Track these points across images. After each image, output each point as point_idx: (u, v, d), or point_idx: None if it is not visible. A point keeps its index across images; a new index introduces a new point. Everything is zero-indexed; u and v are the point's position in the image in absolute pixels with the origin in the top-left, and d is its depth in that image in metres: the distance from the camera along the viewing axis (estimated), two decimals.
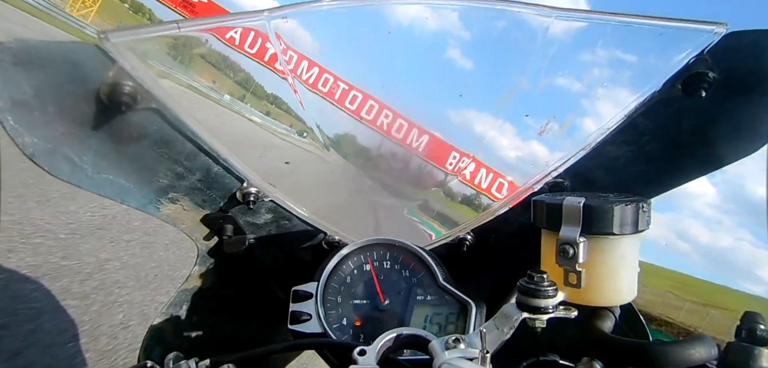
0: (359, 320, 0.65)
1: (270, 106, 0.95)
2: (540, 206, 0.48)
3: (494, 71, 0.84)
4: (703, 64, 0.49)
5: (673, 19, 0.49)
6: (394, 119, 0.96)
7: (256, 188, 0.65)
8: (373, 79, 0.89)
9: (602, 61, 0.59)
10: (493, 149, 0.87)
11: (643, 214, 0.44)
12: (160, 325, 0.64)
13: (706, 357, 0.39)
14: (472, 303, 0.65)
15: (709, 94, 0.50)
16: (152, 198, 0.59)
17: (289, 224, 0.74)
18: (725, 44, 0.48)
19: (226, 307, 0.75)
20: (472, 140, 0.91)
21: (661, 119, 0.57)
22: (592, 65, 0.60)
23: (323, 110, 0.89)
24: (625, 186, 0.65)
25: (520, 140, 0.82)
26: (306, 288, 0.64)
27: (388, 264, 0.70)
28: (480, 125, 0.85)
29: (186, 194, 0.62)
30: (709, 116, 0.54)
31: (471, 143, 0.92)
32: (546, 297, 0.42)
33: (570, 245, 0.44)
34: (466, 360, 0.40)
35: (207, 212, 0.66)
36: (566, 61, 0.63)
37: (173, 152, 0.56)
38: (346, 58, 0.80)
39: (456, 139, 0.95)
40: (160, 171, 0.57)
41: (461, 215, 0.88)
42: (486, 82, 0.86)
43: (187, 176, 0.60)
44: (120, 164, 0.53)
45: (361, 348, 0.42)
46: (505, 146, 0.87)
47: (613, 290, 0.45)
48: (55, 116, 0.45)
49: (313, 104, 0.81)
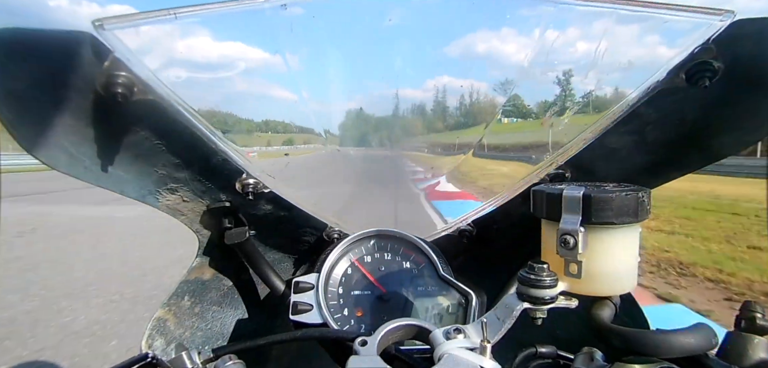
0: (360, 310, 0.65)
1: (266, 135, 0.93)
2: (540, 196, 0.48)
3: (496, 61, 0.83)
4: (708, 53, 0.49)
5: (678, 6, 0.48)
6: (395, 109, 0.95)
7: (256, 179, 0.65)
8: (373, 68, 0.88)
9: (605, 49, 0.58)
10: (494, 139, 0.87)
11: (642, 203, 0.44)
12: (163, 317, 0.64)
13: (705, 346, 0.39)
14: (472, 293, 0.65)
15: (713, 83, 0.50)
16: (151, 189, 0.59)
17: (290, 215, 0.74)
18: (731, 32, 0.47)
19: (228, 298, 0.75)
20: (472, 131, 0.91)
21: (664, 109, 0.56)
22: (595, 54, 0.59)
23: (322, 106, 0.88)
24: (627, 176, 0.65)
25: (522, 130, 0.81)
26: (307, 279, 0.64)
27: (389, 255, 0.70)
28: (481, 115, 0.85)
29: (185, 185, 0.62)
30: (712, 106, 0.54)
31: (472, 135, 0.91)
32: (546, 288, 0.43)
33: (570, 235, 0.43)
34: (466, 350, 0.40)
35: (207, 204, 0.66)
36: (569, 50, 0.63)
37: (171, 143, 0.56)
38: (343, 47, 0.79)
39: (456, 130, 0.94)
40: (159, 162, 0.57)
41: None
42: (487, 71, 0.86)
43: (185, 166, 0.59)
44: (118, 154, 0.53)
45: (362, 339, 0.42)
46: (506, 136, 0.87)
47: (613, 279, 0.45)
48: (51, 107, 0.44)
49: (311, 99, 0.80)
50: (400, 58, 0.81)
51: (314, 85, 0.78)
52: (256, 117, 0.90)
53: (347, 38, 0.74)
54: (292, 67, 0.70)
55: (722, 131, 0.57)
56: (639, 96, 0.56)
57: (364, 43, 0.77)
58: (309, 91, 0.75)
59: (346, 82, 0.85)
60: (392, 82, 0.86)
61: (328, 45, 0.76)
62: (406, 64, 0.82)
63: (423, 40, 0.82)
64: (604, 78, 0.62)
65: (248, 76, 0.72)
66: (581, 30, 0.59)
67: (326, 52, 0.77)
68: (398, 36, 0.75)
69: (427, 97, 0.92)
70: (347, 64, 0.81)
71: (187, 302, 0.68)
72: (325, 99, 0.85)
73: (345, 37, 0.74)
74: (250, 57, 0.70)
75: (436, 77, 0.88)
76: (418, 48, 0.81)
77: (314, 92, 0.78)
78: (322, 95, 0.85)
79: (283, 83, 0.77)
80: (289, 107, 0.79)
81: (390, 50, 0.80)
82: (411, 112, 0.95)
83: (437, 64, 0.91)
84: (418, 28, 0.78)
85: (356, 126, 0.94)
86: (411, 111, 0.95)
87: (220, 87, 0.69)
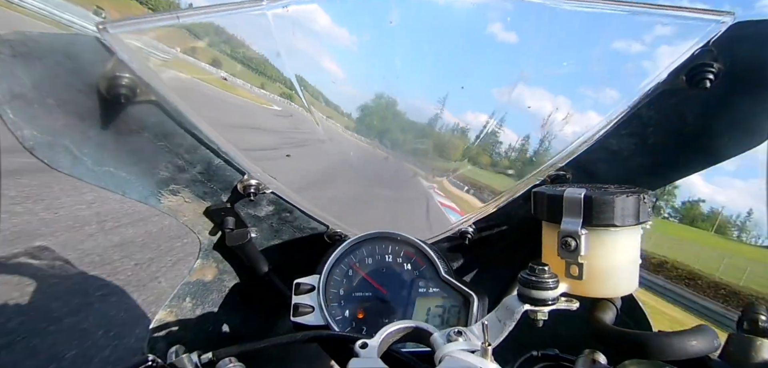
0: (361, 312, 0.65)
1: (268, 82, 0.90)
2: (541, 198, 0.48)
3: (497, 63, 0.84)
4: (709, 54, 0.49)
5: (679, 7, 0.48)
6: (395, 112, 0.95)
7: (257, 180, 0.65)
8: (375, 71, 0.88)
9: (606, 51, 0.58)
10: (496, 140, 0.87)
11: (644, 205, 0.43)
12: (164, 319, 0.64)
13: (707, 348, 0.39)
14: (474, 295, 0.65)
15: (713, 85, 0.50)
16: (153, 190, 0.59)
17: (291, 216, 0.74)
18: (732, 34, 0.47)
19: (229, 300, 0.75)
20: (474, 131, 0.91)
21: (665, 111, 0.56)
22: (596, 55, 0.59)
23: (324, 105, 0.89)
24: (628, 178, 0.65)
25: (523, 131, 0.81)
26: (308, 280, 0.64)
27: (390, 257, 0.70)
28: (482, 117, 0.85)
29: (187, 187, 0.62)
30: (713, 108, 0.54)
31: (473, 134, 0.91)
32: (547, 290, 0.42)
33: (571, 237, 0.43)
34: (467, 353, 0.40)
35: (208, 205, 0.66)
36: (570, 51, 0.63)
37: (173, 145, 0.56)
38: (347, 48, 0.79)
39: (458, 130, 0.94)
40: (161, 163, 0.57)
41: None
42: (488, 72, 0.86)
43: (187, 168, 0.59)
44: (120, 156, 0.53)
45: (362, 341, 0.42)
46: (508, 137, 0.87)
47: (614, 281, 0.45)
48: (55, 109, 0.45)
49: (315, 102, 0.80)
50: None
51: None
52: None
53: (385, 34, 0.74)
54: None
55: (723, 133, 0.57)
56: (640, 98, 0.56)
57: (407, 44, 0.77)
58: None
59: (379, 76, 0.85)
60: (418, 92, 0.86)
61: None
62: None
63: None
64: (605, 80, 0.62)
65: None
66: (582, 31, 0.59)
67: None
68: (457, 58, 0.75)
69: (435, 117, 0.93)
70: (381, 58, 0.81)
71: (189, 304, 0.68)
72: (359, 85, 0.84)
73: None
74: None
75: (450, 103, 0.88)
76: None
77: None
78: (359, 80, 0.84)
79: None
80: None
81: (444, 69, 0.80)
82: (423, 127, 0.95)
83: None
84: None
85: (378, 118, 0.93)
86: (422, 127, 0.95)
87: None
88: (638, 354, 0.40)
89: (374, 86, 0.91)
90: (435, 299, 0.67)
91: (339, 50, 0.81)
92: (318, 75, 0.81)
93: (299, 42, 0.65)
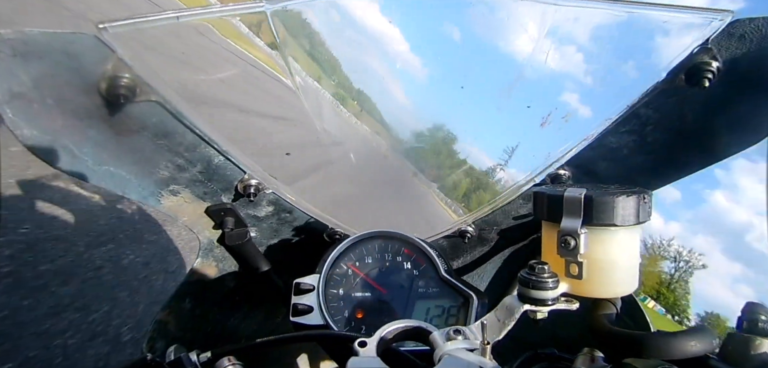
0: (361, 312, 0.65)
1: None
2: (541, 198, 0.48)
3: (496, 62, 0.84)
4: (707, 53, 0.49)
5: (677, 6, 0.49)
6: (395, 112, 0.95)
7: (257, 180, 0.65)
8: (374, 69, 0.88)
9: (604, 50, 0.58)
10: (495, 139, 0.87)
11: (644, 205, 0.43)
12: (164, 318, 0.64)
13: (706, 348, 0.39)
14: (473, 295, 0.65)
15: (712, 83, 0.50)
16: (153, 190, 0.59)
17: (291, 216, 0.74)
18: (730, 32, 0.47)
19: (229, 300, 0.76)
20: (473, 130, 0.91)
21: (664, 110, 0.56)
22: (595, 54, 0.59)
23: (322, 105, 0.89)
24: (628, 177, 0.65)
25: (522, 131, 0.81)
26: (308, 280, 0.64)
27: (389, 256, 0.70)
28: (482, 116, 0.85)
29: (187, 187, 0.62)
30: (712, 106, 0.54)
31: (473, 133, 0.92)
32: (547, 289, 0.42)
33: (571, 236, 0.43)
34: (466, 351, 0.40)
35: (208, 205, 0.66)
36: (568, 51, 0.63)
37: (173, 144, 0.56)
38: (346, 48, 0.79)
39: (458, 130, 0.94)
40: (161, 163, 0.57)
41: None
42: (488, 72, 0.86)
43: (187, 168, 0.59)
44: (120, 155, 0.53)
45: (361, 340, 0.42)
46: (507, 137, 0.87)
47: (614, 281, 0.45)
48: (55, 108, 0.45)
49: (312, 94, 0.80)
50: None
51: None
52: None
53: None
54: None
55: (723, 132, 0.57)
56: (639, 97, 0.56)
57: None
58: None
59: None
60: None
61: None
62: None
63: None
64: (604, 78, 0.62)
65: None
66: (580, 30, 0.59)
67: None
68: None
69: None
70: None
71: (188, 304, 0.68)
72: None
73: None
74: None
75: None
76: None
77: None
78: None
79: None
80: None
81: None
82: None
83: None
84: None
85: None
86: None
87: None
88: (637, 354, 0.39)
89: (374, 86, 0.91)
90: (434, 298, 0.67)
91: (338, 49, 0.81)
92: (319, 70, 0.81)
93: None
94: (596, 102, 0.65)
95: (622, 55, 0.59)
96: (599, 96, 0.65)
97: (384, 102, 0.93)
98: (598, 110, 0.62)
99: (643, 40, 0.56)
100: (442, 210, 0.93)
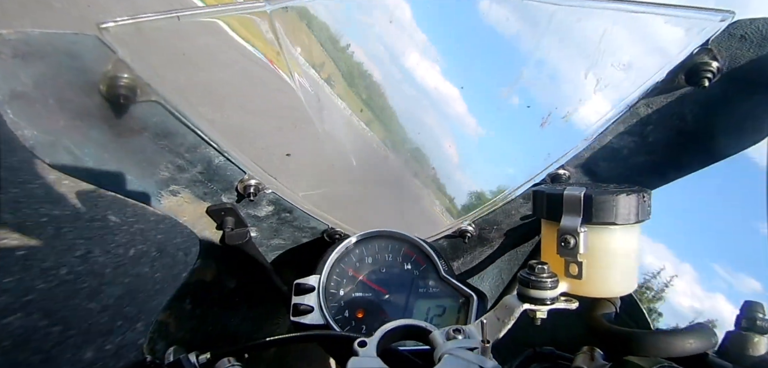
0: (361, 311, 0.65)
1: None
2: (540, 197, 0.48)
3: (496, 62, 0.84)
4: (708, 53, 0.49)
5: (677, 6, 0.49)
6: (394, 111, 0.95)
7: (257, 180, 0.65)
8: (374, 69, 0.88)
9: (605, 50, 0.58)
10: (495, 140, 0.87)
11: (643, 204, 0.44)
12: (164, 319, 0.64)
13: (705, 346, 0.39)
14: (473, 294, 0.65)
15: (712, 83, 0.50)
16: (154, 191, 0.60)
17: (291, 216, 0.74)
18: (731, 32, 0.47)
19: (229, 300, 0.76)
20: (473, 131, 0.91)
21: (664, 109, 0.56)
22: (595, 54, 0.59)
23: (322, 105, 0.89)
24: (628, 177, 0.65)
25: (522, 131, 0.81)
26: (308, 281, 0.65)
27: (389, 256, 0.70)
28: (482, 117, 0.85)
29: (187, 187, 0.62)
30: (712, 106, 0.54)
31: (473, 135, 0.92)
32: (546, 289, 0.42)
33: (570, 235, 0.43)
34: (466, 351, 0.40)
35: (208, 205, 0.66)
36: (569, 51, 0.63)
37: (174, 145, 0.56)
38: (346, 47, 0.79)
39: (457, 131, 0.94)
40: (161, 164, 0.57)
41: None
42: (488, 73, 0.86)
43: (188, 168, 0.60)
44: (121, 156, 0.53)
45: (361, 340, 0.42)
46: (507, 137, 0.87)
47: (614, 280, 0.45)
48: (56, 108, 0.45)
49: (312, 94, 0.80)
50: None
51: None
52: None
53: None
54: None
55: (723, 132, 0.57)
56: (639, 96, 0.56)
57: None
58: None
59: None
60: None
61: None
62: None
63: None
64: (604, 78, 0.62)
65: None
66: (580, 30, 0.59)
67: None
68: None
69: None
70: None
71: (188, 305, 0.68)
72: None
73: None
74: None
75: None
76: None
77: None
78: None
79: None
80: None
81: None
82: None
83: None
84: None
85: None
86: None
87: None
88: (637, 352, 0.40)
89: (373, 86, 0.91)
90: (435, 298, 0.67)
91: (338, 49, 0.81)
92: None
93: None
94: (596, 102, 0.66)
95: (622, 55, 0.59)
96: (599, 96, 0.65)
97: (384, 102, 0.93)
98: (598, 110, 0.62)
99: (644, 39, 0.56)
100: (442, 210, 0.93)
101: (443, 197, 0.93)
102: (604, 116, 0.60)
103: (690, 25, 0.49)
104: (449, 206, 0.90)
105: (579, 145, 0.64)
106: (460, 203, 0.91)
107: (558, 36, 0.61)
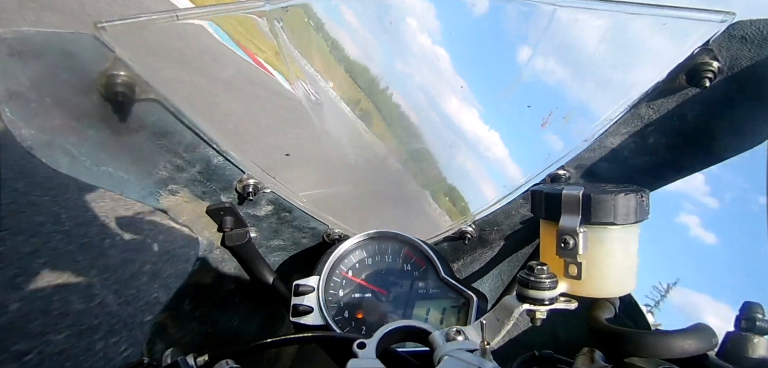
0: (361, 312, 0.65)
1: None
2: (539, 197, 0.48)
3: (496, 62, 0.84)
4: (708, 53, 0.49)
5: (678, 7, 0.48)
6: None
7: (256, 179, 0.65)
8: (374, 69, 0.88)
9: (605, 50, 0.58)
10: (495, 140, 0.87)
11: (642, 204, 0.43)
12: (163, 321, 0.64)
13: (705, 346, 0.39)
14: (473, 296, 0.65)
15: (713, 84, 0.50)
16: (152, 190, 0.59)
17: (290, 216, 0.74)
18: (731, 33, 0.47)
19: (228, 301, 0.75)
20: (473, 132, 0.91)
21: (665, 110, 0.56)
22: (596, 55, 0.59)
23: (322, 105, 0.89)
24: (627, 177, 0.65)
25: (522, 132, 0.81)
26: (307, 282, 0.64)
27: (389, 258, 0.70)
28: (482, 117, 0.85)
29: (186, 186, 0.62)
30: (712, 107, 0.54)
31: (472, 135, 0.92)
32: (545, 289, 0.42)
33: (569, 235, 0.43)
34: (466, 352, 0.40)
35: (207, 205, 0.66)
36: (569, 51, 0.63)
37: (172, 144, 0.56)
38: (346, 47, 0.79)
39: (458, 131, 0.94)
40: (160, 163, 0.57)
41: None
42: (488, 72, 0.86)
43: (186, 167, 0.59)
44: (119, 155, 0.53)
45: (360, 341, 0.42)
46: (507, 137, 0.87)
47: (613, 281, 0.45)
48: (53, 108, 0.45)
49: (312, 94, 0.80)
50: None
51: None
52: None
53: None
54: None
55: (723, 133, 0.57)
56: (639, 97, 0.56)
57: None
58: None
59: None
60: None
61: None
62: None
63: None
64: (604, 79, 0.62)
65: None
66: (581, 31, 0.59)
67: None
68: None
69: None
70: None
71: (188, 306, 0.68)
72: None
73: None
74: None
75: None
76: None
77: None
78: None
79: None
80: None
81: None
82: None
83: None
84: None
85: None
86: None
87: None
88: (637, 353, 0.40)
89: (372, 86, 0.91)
90: (434, 299, 0.67)
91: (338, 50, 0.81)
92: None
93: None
94: (597, 102, 0.65)
95: (622, 55, 0.59)
96: (600, 96, 0.65)
97: (385, 102, 0.93)
98: (598, 111, 0.62)
99: (645, 39, 0.56)
100: (442, 211, 0.93)
101: (443, 198, 0.93)
102: (605, 116, 0.60)
103: (691, 26, 0.49)
104: (449, 206, 0.91)
105: (579, 145, 0.64)
106: (460, 203, 0.91)
107: (558, 36, 0.61)
